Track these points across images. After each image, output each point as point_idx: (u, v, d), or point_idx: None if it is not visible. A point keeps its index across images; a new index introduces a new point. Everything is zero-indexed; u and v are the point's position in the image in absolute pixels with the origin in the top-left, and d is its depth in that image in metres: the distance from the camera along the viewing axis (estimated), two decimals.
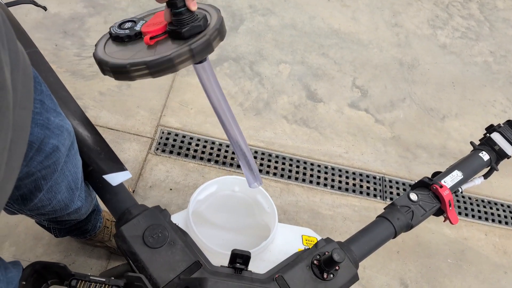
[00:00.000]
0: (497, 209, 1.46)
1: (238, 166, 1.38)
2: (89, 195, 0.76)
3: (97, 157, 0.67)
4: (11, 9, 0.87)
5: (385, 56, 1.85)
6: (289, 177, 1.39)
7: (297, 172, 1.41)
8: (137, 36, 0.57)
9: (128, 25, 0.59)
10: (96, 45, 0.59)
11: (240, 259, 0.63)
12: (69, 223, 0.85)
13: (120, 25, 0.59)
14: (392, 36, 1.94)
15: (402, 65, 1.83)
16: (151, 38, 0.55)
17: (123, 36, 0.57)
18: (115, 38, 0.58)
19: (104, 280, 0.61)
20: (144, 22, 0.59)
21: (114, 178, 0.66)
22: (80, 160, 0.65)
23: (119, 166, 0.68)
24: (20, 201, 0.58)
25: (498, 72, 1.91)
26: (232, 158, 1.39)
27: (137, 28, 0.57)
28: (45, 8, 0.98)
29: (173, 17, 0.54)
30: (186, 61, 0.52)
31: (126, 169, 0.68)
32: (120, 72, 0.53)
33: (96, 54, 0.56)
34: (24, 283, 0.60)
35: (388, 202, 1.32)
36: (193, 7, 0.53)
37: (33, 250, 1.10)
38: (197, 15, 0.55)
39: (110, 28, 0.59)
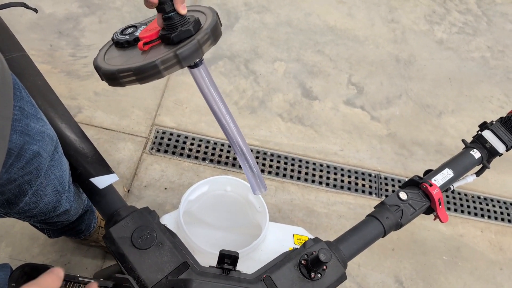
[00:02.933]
0: (493, 206, 1.45)
1: (233, 165, 1.38)
2: (79, 197, 0.76)
3: (84, 160, 0.67)
4: (3, 12, 0.87)
5: (381, 52, 1.84)
6: (284, 175, 1.39)
7: (292, 170, 1.41)
8: (136, 42, 0.58)
9: (129, 30, 0.60)
10: (99, 51, 0.60)
11: (228, 259, 0.64)
12: (61, 224, 0.85)
13: (122, 31, 0.60)
14: (388, 32, 1.93)
15: (398, 61, 1.82)
16: (145, 43, 0.55)
17: (123, 41, 0.58)
18: (116, 44, 0.59)
19: (92, 281, 0.61)
20: (144, 27, 0.59)
21: (101, 181, 0.67)
22: (66, 163, 0.65)
23: (106, 169, 0.68)
24: (5, 205, 0.59)
25: (496, 67, 1.90)
26: (227, 157, 1.40)
27: (137, 33, 0.58)
28: (36, 11, 0.98)
29: (164, 22, 0.53)
30: (172, 67, 0.52)
31: (113, 172, 0.69)
32: (111, 78, 0.54)
33: (95, 60, 0.57)
34: (14, 284, 0.61)
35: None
36: (182, 10, 0.52)
37: (29, 250, 1.11)
38: (188, 18, 0.54)
39: (113, 34, 0.60)
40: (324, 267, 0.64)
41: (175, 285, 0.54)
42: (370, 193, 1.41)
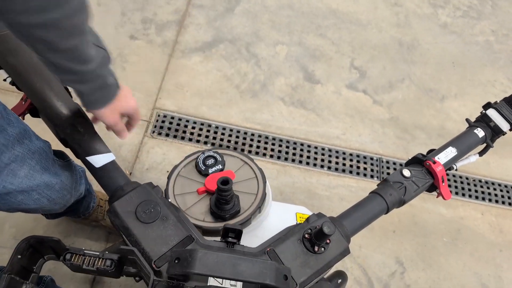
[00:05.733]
0: (494, 189, 1.46)
1: (235, 149, 1.38)
2: (68, 192, 0.77)
3: (81, 139, 0.67)
4: None
5: (384, 36, 1.82)
6: (286, 159, 1.39)
7: (293, 154, 1.41)
8: (205, 175, 0.78)
9: (209, 162, 0.79)
10: (185, 158, 0.81)
11: (232, 233, 0.64)
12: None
13: (205, 159, 0.79)
14: (391, 15, 1.91)
15: (401, 45, 1.81)
16: (202, 191, 0.75)
17: (199, 169, 0.78)
18: (196, 165, 0.79)
19: (98, 253, 0.62)
20: (217, 169, 0.78)
21: (96, 160, 0.66)
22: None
23: (102, 149, 0.68)
24: None
25: (500, 51, 1.88)
26: (229, 141, 1.39)
27: (211, 171, 0.78)
28: None
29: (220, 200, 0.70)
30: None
31: (109, 151, 0.69)
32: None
33: (172, 171, 0.79)
34: (20, 257, 0.61)
35: None
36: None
37: (33, 231, 1.12)
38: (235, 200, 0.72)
39: (200, 154, 0.80)
40: (328, 241, 0.64)
41: (180, 255, 0.55)
42: (372, 176, 1.41)
